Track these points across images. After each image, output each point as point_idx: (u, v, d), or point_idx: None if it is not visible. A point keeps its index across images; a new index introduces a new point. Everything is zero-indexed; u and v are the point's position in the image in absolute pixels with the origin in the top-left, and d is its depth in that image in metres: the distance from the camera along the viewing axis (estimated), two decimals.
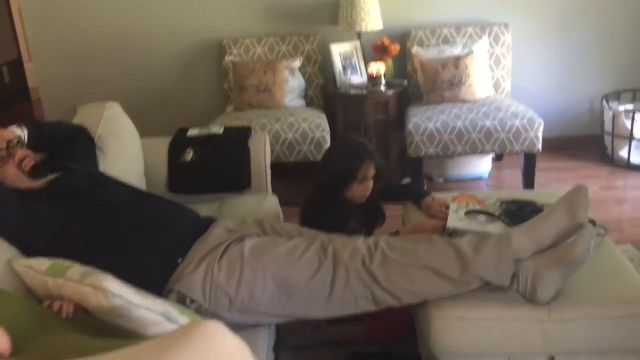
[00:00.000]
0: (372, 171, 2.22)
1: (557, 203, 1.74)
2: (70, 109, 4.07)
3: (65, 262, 1.57)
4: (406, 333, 2.14)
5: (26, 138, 2.02)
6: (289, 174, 3.68)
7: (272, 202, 2.50)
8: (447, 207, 2.12)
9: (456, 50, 3.69)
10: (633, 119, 3.70)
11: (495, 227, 1.92)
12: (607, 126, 3.89)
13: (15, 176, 1.83)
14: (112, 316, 1.42)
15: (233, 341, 1.13)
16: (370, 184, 2.23)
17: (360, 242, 1.81)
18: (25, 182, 1.85)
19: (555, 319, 1.69)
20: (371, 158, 2.21)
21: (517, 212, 1.98)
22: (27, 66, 5.48)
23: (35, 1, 4.00)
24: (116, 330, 1.43)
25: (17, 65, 5.64)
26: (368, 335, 2.25)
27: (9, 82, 5.54)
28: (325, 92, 3.88)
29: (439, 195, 2.31)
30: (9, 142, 1.86)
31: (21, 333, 1.25)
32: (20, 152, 1.87)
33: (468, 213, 2.01)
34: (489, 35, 3.80)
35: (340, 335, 2.27)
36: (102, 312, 1.42)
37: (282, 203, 2.56)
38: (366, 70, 3.72)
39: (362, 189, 2.22)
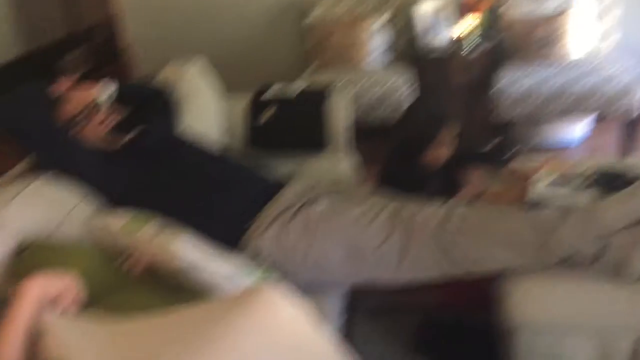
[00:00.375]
0: (449, 136, 2.12)
1: None
2: (158, 67, 4.17)
3: (144, 217, 1.60)
4: (483, 301, 2.07)
5: (115, 93, 2.06)
6: (370, 134, 3.62)
7: (349, 163, 2.47)
8: (531, 177, 2.00)
9: (553, 4, 3.43)
10: None
11: (584, 199, 1.78)
12: None
13: (93, 139, 1.88)
14: (179, 276, 1.45)
15: (290, 309, 1.12)
16: (447, 149, 2.14)
17: (436, 209, 1.74)
18: (103, 144, 1.90)
19: None
20: (449, 122, 2.12)
21: (609, 183, 1.82)
22: (119, 25, 5.65)
23: None
24: (186, 289, 1.45)
25: (109, 24, 5.83)
26: (443, 301, 2.19)
27: (103, 42, 5.74)
28: (410, 52, 3.75)
29: (523, 163, 2.18)
30: (86, 106, 1.91)
31: (94, 287, 1.30)
32: (97, 117, 1.91)
33: (554, 182, 1.89)
34: None
35: (413, 300, 2.23)
36: (169, 271, 1.45)
37: (362, 163, 2.52)
38: (454, 29, 3.55)
39: (440, 153, 2.14)
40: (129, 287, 1.38)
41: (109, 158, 1.84)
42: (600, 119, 3.72)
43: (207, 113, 2.46)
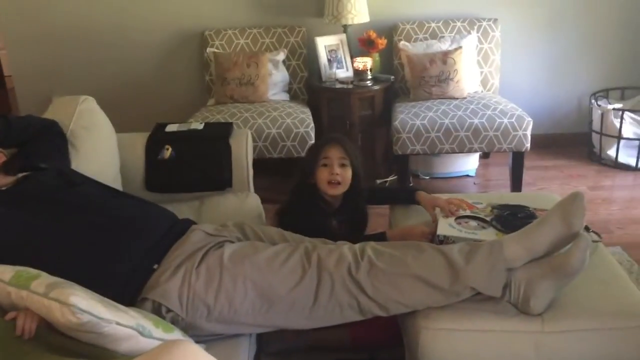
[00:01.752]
0: (336, 153, 2.15)
1: (552, 211, 1.67)
2: (45, 99, 3.92)
3: (31, 271, 1.45)
4: (392, 339, 2.07)
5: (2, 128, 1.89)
6: (272, 171, 3.59)
7: (254, 201, 2.41)
8: (434, 213, 2.05)
9: (444, 46, 3.61)
10: (621, 118, 3.66)
11: (487, 234, 1.84)
12: (595, 125, 3.84)
13: None
14: (80, 332, 1.32)
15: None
16: (337, 169, 2.15)
17: (346, 250, 1.72)
18: None
19: (549, 330, 1.62)
20: (332, 142, 2.18)
21: (510, 218, 1.90)
22: (1, 54, 5.30)
23: None
24: (85, 346, 1.33)
25: None
26: (352, 341, 2.17)
27: None
28: (309, 86, 3.78)
29: (425, 198, 2.22)
30: None
31: None
32: None
33: (458, 219, 1.94)
34: (478, 30, 3.72)
35: (322, 341, 2.19)
36: (69, 327, 1.32)
37: (265, 200, 2.47)
38: (352, 64, 3.63)
39: (328, 172, 2.15)
40: (25, 349, 1.23)
41: None
42: (489, 153, 3.93)
43: (99, 152, 2.30)
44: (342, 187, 2.17)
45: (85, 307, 1.29)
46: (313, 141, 3.28)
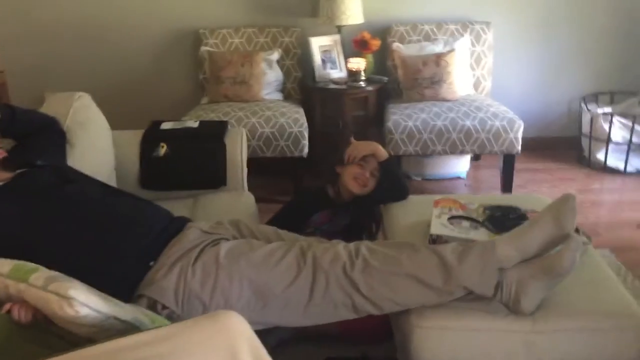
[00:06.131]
0: (374, 163, 2.26)
1: (543, 212, 1.70)
2: (37, 96, 3.92)
3: (30, 265, 1.46)
4: (382, 332, 2.10)
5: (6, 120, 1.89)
6: (265, 170, 3.60)
7: (248, 200, 2.43)
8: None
9: (437, 48, 3.64)
10: (611, 122, 3.71)
11: (479, 234, 1.87)
12: (585, 128, 3.89)
13: None
14: (77, 325, 1.33)
15: (250, 330, 1.20)
16: (369, 177, 2.26)
17: (341, 248, 1.74)
18: None
19: (539, 330, 1.65)
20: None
21: (501, 219, 1.93)
22: None
23: None
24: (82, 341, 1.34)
25: None
26: (341, 332, 2.18)
27: None
28: (303, 86, 3.80)
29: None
30: None
31: None
32: None
33: (451, 219, 1.96)
34: (471, 33, 3.76)
35: (312, 330, 2.19)
36: (66, 321, 1.32)
37: (258, 199, 2.49)
38: (346, 65, 3.65)
39: (359, 171, 2.25)
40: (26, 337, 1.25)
41: None
42: (480, 156, 3.97)
43: (95, 149, 2.31)
44: (363, 190, 2.28)
45: (84, 300, 1.30)
46: (306, 141, 3.30)
